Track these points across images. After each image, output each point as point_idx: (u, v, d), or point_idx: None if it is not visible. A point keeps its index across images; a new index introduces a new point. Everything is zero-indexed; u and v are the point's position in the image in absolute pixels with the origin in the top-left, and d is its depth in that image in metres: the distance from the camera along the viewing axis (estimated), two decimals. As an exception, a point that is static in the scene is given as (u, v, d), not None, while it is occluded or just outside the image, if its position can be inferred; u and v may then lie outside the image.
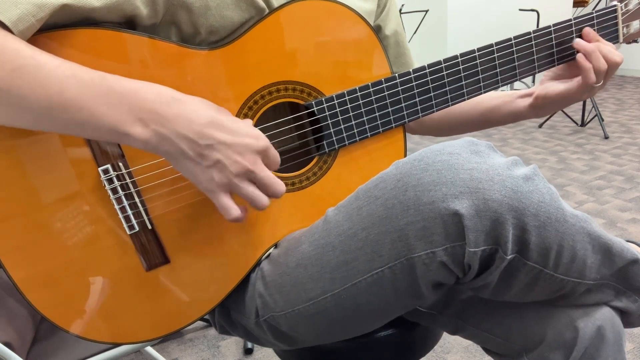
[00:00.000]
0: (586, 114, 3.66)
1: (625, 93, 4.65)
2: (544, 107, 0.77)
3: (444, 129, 0.89)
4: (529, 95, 0.78)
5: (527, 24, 3.97)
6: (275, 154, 0.57)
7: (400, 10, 3.11)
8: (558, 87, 0.74)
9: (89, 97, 0.50)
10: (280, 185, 0.57)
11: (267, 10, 0.65)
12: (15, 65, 0.48)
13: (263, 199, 0.56)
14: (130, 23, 0.60)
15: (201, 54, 0.61)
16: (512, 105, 0.80)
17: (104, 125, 0.51)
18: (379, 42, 0.69)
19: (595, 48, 0.71)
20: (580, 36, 0.73)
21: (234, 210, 0.55)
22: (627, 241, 0.62)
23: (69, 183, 0.58)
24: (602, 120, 3.43)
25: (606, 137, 3.30)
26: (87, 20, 0.56)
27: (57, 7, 0.52)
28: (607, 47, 0.71)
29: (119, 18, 0.58)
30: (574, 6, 4.05)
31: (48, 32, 0.54)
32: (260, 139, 0.55)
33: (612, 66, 0.71)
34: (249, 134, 0.55)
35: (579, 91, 0.72)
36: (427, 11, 3.42)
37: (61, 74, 0.50)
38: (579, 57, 0.71)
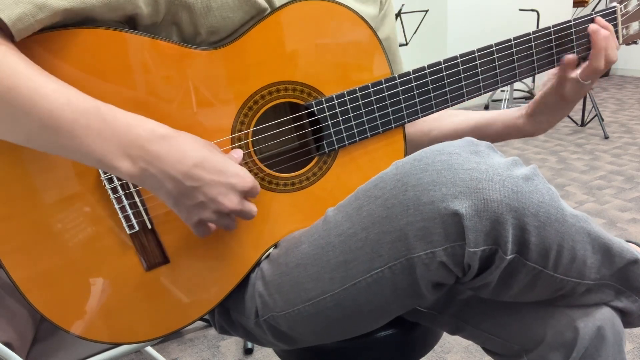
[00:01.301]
0: (586, 114, 3.66)
1: (625, 93, 4.65)
2: (539, 114, 0.76)
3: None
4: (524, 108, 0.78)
5: (527, 24, 3.97)
6: (257, 190, 0.59)
7: (400, 10, 3.10)
8: (546, 88, 0.74)
9: (80, 126, 0.50)
10: (253, 211, 0.59)
11: (269, 10, 0.65)
12: (11, 84, 0.48)
13: (233, 226, 0.60)
14: (130, 23, 0.60)
15: (202, 54, 0.61)
16: (506, 115, 0.79)
17: (92, 155, 0.51)
18: (379, 43, 0.69)
19: (604, 46, 0.70)
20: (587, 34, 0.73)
21: (206, 233, 0.59)
22: (627, 241, 0.63)
23: (69, 183, 0.58)
24: (602, 120, 3.43)
25: (606, 137, 3.30)
26: (87, 20, 0.56)
27: (57, 10, 0.52)
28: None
29: (119, 17, 0.58)
30: (574, 6, 4.04)
31: (48, 31, 0.54)
32: (247, 179, 0.56)
33: (608, 64, 0.71)
34: (236, 174, 0.55)
35: (559, 83, 0.72)
36: (427, 11, 3.42)
37: (56, 100, 0.50)
38: (596, 36, 0.70)
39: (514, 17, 4.10)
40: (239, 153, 0.63)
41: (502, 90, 4.26)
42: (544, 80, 0.77)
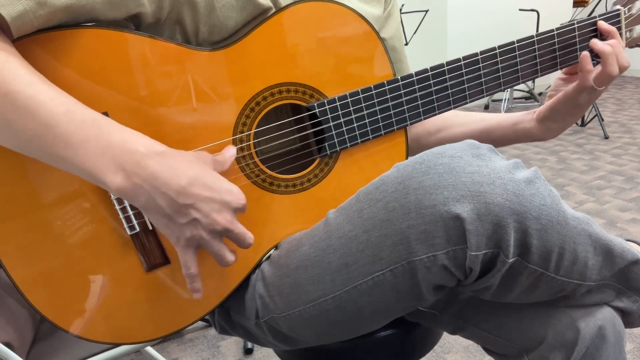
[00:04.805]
0: (586, 114, 3.66)
1: (625, 93, 4.65)
2: (550, 120, 0.76)
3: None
4: (535, 111, 0.78)
5: (527, 24, 3.97)
6: (246, 207, 0.57)
7: (400, 10, 3.10)
8: (557, 93, 0.74)
9: (76, 137, 0.49)
10: (250, 238, 0.57)
11: (273, 9, 0.64)
12: (9, 90, 0.48)
13: (229, 257, 0.57)
14: (134, 21, 0.60)
15: (204, 55, 0.61)
16: (516, 119, 0.79)
17: (83, 168, 0.50)
18: (382, 45, 0.69)
19: (613, 51, 0.69)
20: (595, 36, 0.72)
21: (194, 267, 0.56)
22: (627, 240, 0.63)
23: (70, 183, 0.58)
24: (602, 120, 3.43)
25: (606, 137, 3.30)
26: (89, 19, 0.56)
27: (58, 7, 0.52)
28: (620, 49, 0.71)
29: (122, 15, 0.58)
30: (574, 6, 4.05)
31: (50, 31, 0.54)
32: (240, 196, 0.55)
33: (621, 70, 0.71)
34: (229, 191, 0.54)
35: (577, 92, 0.71)
36: (427, 11, 3.42)
37: (53, 108, 0.49)
38: (583, 56, 0.69)
39: (514, 17, 4.10)
40: (231, 151, 0.61)
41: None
42: (552, 86, 0.77)
